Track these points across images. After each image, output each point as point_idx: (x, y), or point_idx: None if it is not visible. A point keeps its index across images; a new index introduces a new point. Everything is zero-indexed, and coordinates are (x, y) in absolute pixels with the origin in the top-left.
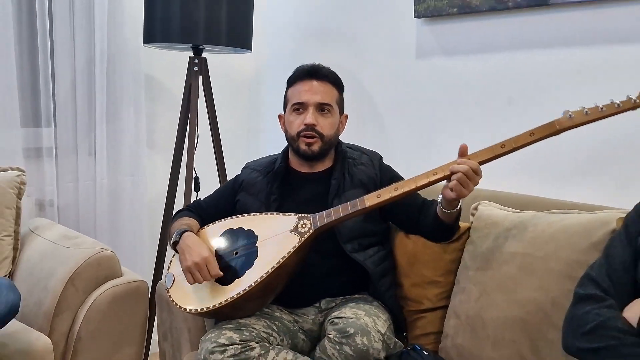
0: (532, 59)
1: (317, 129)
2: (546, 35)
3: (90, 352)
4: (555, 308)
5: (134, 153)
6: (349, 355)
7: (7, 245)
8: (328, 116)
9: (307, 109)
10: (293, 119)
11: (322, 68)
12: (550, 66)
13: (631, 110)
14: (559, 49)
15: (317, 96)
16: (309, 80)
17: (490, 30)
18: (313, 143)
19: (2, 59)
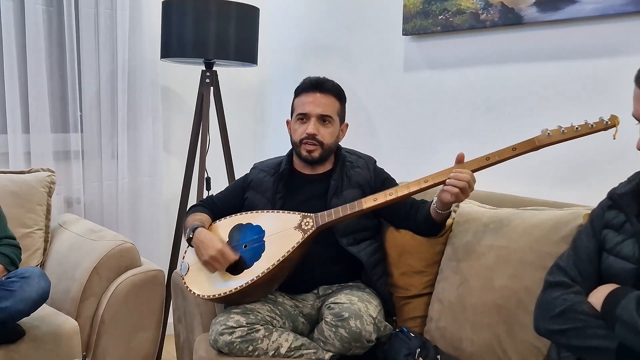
0: (507, 73)
1: (317, 138)
2: (520, 51)
3: (112, 334)
4: (528, 294)
5: (151, 156)
6: (344, 337)
7: (38, 238)
8: (329, 126)
9: (310, 120)
10: (297, 127)
11: (327, 81)
12: (523, 79)
13: (603, 130)
14: (532, 63)
15: (319, 108)
16: (313, 92)
17: (470, 46)
18: (313, 150)
19: (35, 72)
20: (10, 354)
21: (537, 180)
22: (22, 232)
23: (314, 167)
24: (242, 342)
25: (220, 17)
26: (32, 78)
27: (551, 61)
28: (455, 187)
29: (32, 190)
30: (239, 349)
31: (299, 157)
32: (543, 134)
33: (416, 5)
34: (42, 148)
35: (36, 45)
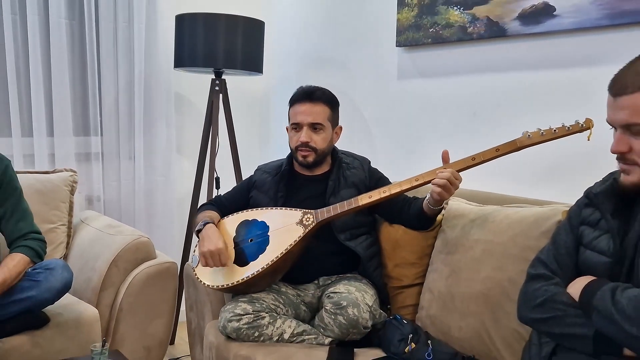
0: (492, 81)
1: (310, 144)
2: (504, 61)
3: (130, 321)
4: (511, 285)
5: (165, 157)
6: (342, 324)
7: (62, 233)
8: (320, 133)
9: (302, 129)
10: (292, 135)
11: (316, 90)
12: (507, 86)
13: (579, 132)
14: (514, 72)
15: (309, 117)
16: (304, 102)
17: (458, 57)
18: (308, 155)
19: (58, 80)
20: (36, 339)
21: (519, 179)
22: (46, 227)
23: (312, 169)
24: (249, 329)
25: (228, 30)
26: (56, 86)
27: (532, 70)
28: (438, 185)
29: (56, 189)
30: (246, 334)
31: (297, 160)
32: (524, 135)
33: (409, 19)
34: (65, 150)
35: (60, 56)
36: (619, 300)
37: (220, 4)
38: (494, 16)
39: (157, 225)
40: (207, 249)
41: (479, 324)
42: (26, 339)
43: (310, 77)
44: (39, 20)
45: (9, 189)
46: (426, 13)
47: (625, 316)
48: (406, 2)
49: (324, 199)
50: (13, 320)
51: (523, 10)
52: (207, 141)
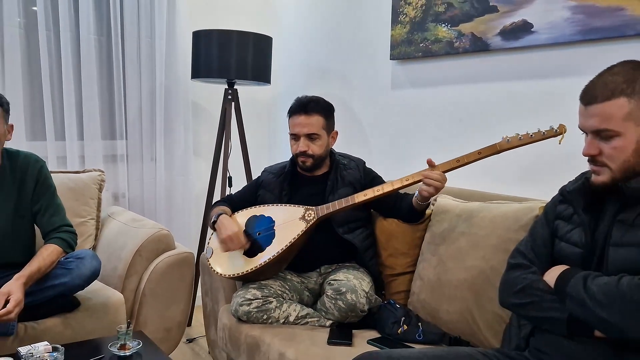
0: (476, 90)
1: (308, 152)
2: (487, 73)
3: (152, 305)
4: (493, 272)
5: (183, 159)
6: (342, 308)
7: (91, 226)
8: (316, 141)
9: (299, 139)
10: (292, 144)
11: (310, 102)
12: (489, 95)
13: (553, 137)
14: (496, 82)
15: (305, 129)
16: (300, 115)
17: (446, 69)
18: (306, 161)
19: (88, 90)
20: (68, 320)
21: (501, 179)
22: (77, 221)
23: (312, 171)
24: (258, 312)
25: (240, 45)
26: (86, 95)
27: (512, 81)
28: (430, 185)
29: (86, 187)
30: (255, 317)
31: (297, 165)
32: (503, 140)
33: (401, 35)
34: (93, 152)
35: (89, 68)
36: (590, 287)
37: (233, 21)
38: (478, 32)
39: (176, 219)
40: (226, 234)
41: (464, 308)
42: (59, 321)
43: (313, 87)
44: (71, 36)
45: (43, 187)
46: (417, 30)
47: (596, 301)
48: (399, 19)
49: (324, 196)
50: (47, 304)
51: (504, 27)
52: (221, 144)
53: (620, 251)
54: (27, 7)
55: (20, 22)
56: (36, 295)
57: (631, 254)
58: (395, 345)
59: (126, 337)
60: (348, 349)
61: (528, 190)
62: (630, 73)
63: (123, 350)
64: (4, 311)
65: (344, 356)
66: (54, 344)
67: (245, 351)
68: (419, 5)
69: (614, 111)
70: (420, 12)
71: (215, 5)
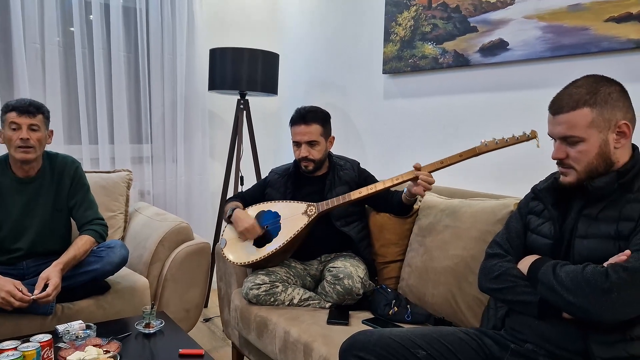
0: (458, 101)
1: (309, 157)
2: (468, 85)
3: (173, 288)
4: (473, 261)
5: (201, 160)
6: (340, 292)
7: (120, 219)
8: (316, 147)
9: (301, 146)
10: (294, 150)
11: (308, 113)
12: (469, 105)
13: (526, 141)
14: (476, 94)
15: (305, 137)
16: (300, 124)
17: (431, 81)
18: (308, 165)
19: (118, 100)
20: (100, 302)
21: (480, 178)
22: (108, 214)
23: (313, 172)
24: (266, 295)
25: (250, 61)
26: (116, 104)
27: (490, 92)
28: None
29: (116, 185)
30: (264, 299)
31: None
32: (482, 144)
33: (392, 52)
34: (122, 154)
35: (119, 81)
36: (559, 274)
37: (244, 40)
38: (459, 49)
39: (194, 213)
40: (244, 227)
41: (447, 292)
42: (92, 302)
43: (314, 97)
44: (103, 54)
45: (79, 185)
46: (406, 47)
47: (564, 287)
48: (391, 38)
49: (323, 194)
50: (81, 288)
51: (483, 45)
52: (234, 148)
53: (585, 242)
54: (65, 28)
55: (59, 41)
56: (72, 279)
57: (595, 244)
58: (387, 324)
59: (150, 316)
60: (345, 328)
61: (504, 188)
62: (592, 86)
63: (148, 328)
64: (44, 294)
65: (342, 334)
66: (87, 323)
67: (255, 329)
68: (408, 25)
69: (579, 120)
70: (409, 32)
71: (228, 26)
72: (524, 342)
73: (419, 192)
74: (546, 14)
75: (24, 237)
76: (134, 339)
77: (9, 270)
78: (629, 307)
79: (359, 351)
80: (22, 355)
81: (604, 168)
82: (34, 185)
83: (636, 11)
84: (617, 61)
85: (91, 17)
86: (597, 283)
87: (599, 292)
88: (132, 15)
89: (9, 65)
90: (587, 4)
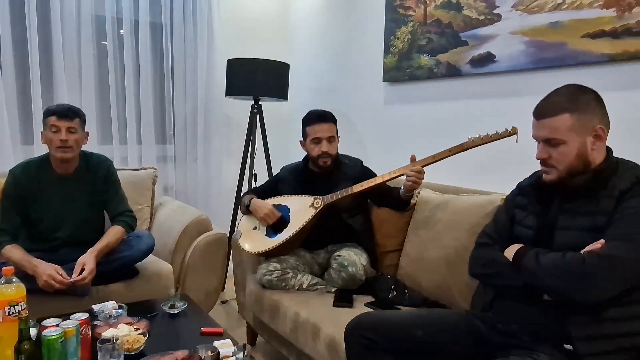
0: (450, 106)
1: (329, 152)
2: (459, 93)
3: (194, 274)
4: (464, 250)
5: (219, 159)
6: (344, 278)
7: (147, 212)
8: (334, 143)
9: (322, 142)
10: (313, 147)
11: (326, 113)
12: (460, 110)
13: (508, 137)
14: (466, 100)
15: (327, 133)
16: (320, 123)
17: (427, 89)
18: (327, 161)
19: (145, 105)
20: (130, 285)
21: (471, 175)
22: (136, 207)
23: (329, 169)
24: (278, 281)
25: (264, 70)
26: (144, 109)
27: (479, 99)
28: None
29: (143, 181)
30: (276, 284)
31: (316, 166)
32: (469, 140)
33: (392, 62)
34: (149, 154)
35: (146, 88)
36: (541, 260)
37: (258, 51)
38: (452, 61)
39: (213, 207)
40: (264, 212)
41: (441, 278)
42: (122, 285)
43: (321, 103)
44: (133, 64)
45: (111, 181)
46: (404, 59)
47: (546, 272)
48: (390, 50)
49: (330, 189)
50: (114, 272)
51: (473, 57)
52: (248, 148)
53: (565, 234)
54: (98, 42)
55: (94, 53)
56: (105, 265)
57: (573, 235)
58: (387, 307)
59: (175, 299)
60: (349, 310)
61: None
62: (572, 94)
63: (172, 309)
64: (81, 277)
65: (347, 316)
66: (119, 303)
67: (268, 311)
68: (405, 39)
69: (560, 124)
70: (406, 45)
71: (244, 39)
72: (510, 323)
73: (409, 185)
74: (529, 31)
75: (63, 227)
76: (160, 318)
77: (49, 256)
78: (604, 290)
79: (363, 331)
80: (63, 331)
81: (582, 167)
82: (71, 182)
83: (609, 28)
84: (592, 73)
85: (122, 32)
86: (575, 268)
87: (576, 276)
88: (158, 30)
89: (49, 74)
90: (566, 22)
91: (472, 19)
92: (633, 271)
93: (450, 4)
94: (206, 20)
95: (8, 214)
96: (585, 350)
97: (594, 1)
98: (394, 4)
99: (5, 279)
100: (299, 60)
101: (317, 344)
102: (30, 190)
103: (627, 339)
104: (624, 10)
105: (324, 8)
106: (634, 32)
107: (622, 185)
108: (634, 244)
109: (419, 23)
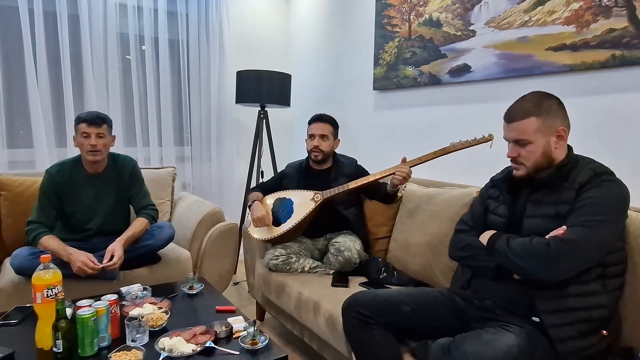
0: (432, 112)
1: (320, 147)
2: (440, 99)
3: (209, 260)
4: (445, 237)
5: (230, 159)
6: (341, 261)
7: (167, 205)
8: (326, 141)
9: (315, 138)
10: (309, 142)
11: (324, 115)
12: (441, 115)
13: (485, 142)
14: (447, 106)
15: (319, 130)
16: (317, 122)
17: (412, 96)
18: (318, 155)
19: (165, 112)
20: (152, 270)
21: (450, 171)
22: (158, 201)
23: (320, 166)
24: (283, 264)
25: (269, 80)
26: (164, 116)
27: (457, 105)
28: (400, 176)
29: (164, 178)
30: (281, 268)
31: (310, 159)
32: (451, 144)
33: (381, 73)
34: (169, 155)
35: (165, 97)
36: (511, 244)
37: (264, 64)
38: (433, 71)
39: (225, 200)
40: (256, 216)
41: (425, 261)
42: (146, 270)
43: (319, 109)
44: (154, 76)
45: (135, 179)
46: (392, 70)
47: (515, 254)
48: (379, 62)
49: (329, 184)
50: (139, 259)
51: (451, 68)
52: (255, 149)
53: (532, 221)
54: (123, 56)
55: (119, 66)
56: (131, 252)
57: (539, 222)
58: (378, 286)
59: (193, 281)
60: (346, 289)
61: (468, 179)
62: (537, 100)
63: (191, 290)
64: (110, 263)
65: (343, 294)
66: (144, 285)
67: (274, 291)
68: (393, 53)
69: (527, 127)
70: (393, 58)
71: (251, 53)
72: (485, 299)
73: (395, 182)
74: (500, 44)
75: (94, 220)
76: (181, 298)
77: (82, 245)
78: (565, 270)
79: (358, 307)
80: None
81: (547, 164)
82: (101, 180)
83: (569, 42)
84: (555, 81)
85: (144, 48)
86: (541, 251)
87: (542, 258)
88: (176, 46)
89: (80, 85)
90: (532, 37)
91: (451, 34)
92: (591, 253)
93: (432, 21)
94: (218, 37)
95: (45, 209)
96: (550, 321)
97: (556, 18)
98: (383, 22)
99: (43, 266)
100: (300, 72)
101: (317, 319)
102: (64, 187)
103: (585, 311)
104: (582, 26)
105: (321, 26)
106: (591, 46)
107: (581, 178)
108: (592, 230)
109: (404, 38)
